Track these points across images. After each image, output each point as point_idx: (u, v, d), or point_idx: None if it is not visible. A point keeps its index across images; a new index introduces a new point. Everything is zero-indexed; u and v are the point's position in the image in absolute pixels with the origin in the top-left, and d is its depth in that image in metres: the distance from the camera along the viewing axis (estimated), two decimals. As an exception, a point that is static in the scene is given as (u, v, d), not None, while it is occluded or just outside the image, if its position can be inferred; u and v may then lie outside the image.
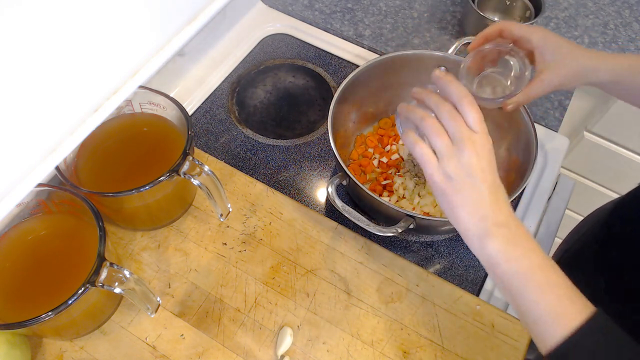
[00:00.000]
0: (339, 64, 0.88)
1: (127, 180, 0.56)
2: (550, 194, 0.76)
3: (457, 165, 0.44)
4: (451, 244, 0.70)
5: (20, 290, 0.53)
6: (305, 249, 0.65)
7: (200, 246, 0.65)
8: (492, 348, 0.59)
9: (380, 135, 0.77)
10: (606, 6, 0.97)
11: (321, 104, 0.83)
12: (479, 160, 0.44)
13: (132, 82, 0.30)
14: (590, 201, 1.23)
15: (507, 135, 0.71)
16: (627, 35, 0.92)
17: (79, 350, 0.58)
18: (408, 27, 0.93)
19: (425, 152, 0.46)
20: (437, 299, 0.62)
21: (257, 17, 0.94)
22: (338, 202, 0.60)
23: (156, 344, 0.59)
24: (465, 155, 0.44)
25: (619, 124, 1.02)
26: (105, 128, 0.62)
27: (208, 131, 0.79)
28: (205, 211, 0.68)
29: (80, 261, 0.53)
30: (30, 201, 0.56)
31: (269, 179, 0.74)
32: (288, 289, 0.63)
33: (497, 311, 0.61)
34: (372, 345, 0.59)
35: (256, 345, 0.59)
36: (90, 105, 0.29)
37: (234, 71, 0.87)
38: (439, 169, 0.45)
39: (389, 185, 0.71)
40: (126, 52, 0.29)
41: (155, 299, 0.53)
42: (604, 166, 1.15)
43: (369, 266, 0.64)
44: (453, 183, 0.45)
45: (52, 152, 0.28)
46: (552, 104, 0.83)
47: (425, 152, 0.46)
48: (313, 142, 0.79)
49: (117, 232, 0.66)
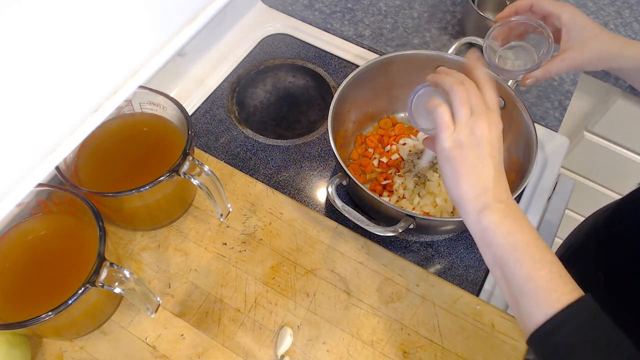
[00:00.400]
0: (339, 64, 0.88)
1: (127, 180, 0.56)
2: (550, 194, 0.76)
3: (470, 135, 0.46)
4: (451, 244, 0.70)
5: (20, 290, 0.53)
6: (305, 249, 0.65)
7: (200, 246, 0.65)
8: (492, 348, 0.59)
9: (380, 135, 0.77)
10: (606, 6, 0.97)
11: (321, 104, 0.83)
12: (490, 134, 0.46)
13: (132, 82, 0.30)
14: (590, 201, 1.24)
15: (507, 135, 0.70)
16: (627, 35, 0.92)
17: (79, 350, 0.58)
18: (408, 27, 0.93)
19: (446, 115, 0.48)
20: (437, 299, 0.62)
21: (257, 17, 0.94)
22: (338, 202, 0.60)
23: (156, 344, 0.59)
24: (479, 127, 0.46)
25: (619, 124, 1.02)
26: (105, 128, 0.62)
27: (208, 131, 0.79)
28: (205, 211, 0.68)
29: (80, 261, 0.53)
30: (30, 201, 0.56)
31: (269, 179, 0.74)
32: (288, 289, 0.63)
33: (497, 311, 0.61)
34: (372, 345, 0.59)
35: (256, 345, 0.59)
36: (90, 105, 0.29)
37: (234, 71, 0.87)
38: (452, 134, 0.47)
39: (388, 185, 0.71)
40: (126, 52, 0.29)
41: (155, 299, 0.53)
42: (604, 166, 1.15)
43: (369, 266, 0.64)
44: (462, 151, 0.46)
45: (52, 152, 0.28)
46: (552, 104, 0.83)
47: (446, 115, 0.48)
48: (313, 142, 0.79)
49: (117, 232, 0.66)
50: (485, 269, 0.68)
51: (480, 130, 0.46)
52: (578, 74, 0.87)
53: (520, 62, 0.59)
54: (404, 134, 0.76)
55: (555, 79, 0.86)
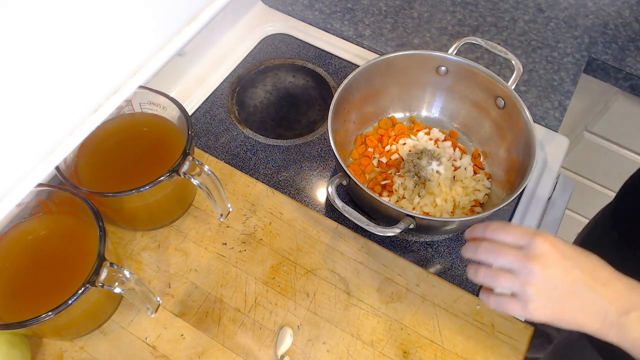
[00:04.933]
0: (339, 64, 0.88)
1: (127, 180, 0.56)
2: (550, 194, 0.76)
3: (542, 284, 0.42)
4: (451, 244, 0.70)
5: (20, 290, 0.53)
6: (305, 249, 0.65)
7: (200, 246, 0.65)
8: (492, 348, 0.59)
9: (380, 135, 0.77)
10: (606, 6, 0.97)
11: (321, 104, 0.83)
12: (551, 246, 0.43)
13: (132, 82, 0.30)
14: (590, 201, 1.24)
15: (507, 135, 0.71)
16: (627, 35, 0.92)
17: (79, 350, 0.58)
18: (408, 27, 0.93)
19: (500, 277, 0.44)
20: (437, 299, 0.62)
21: (257, 17, 0.94)
22: (338, 202, 0.60)
23: (156, 344, 0.59)
24: (536, 247, 0.43)
25: (619, 124, 1.02)
26: (105, 128, 0.62)
27: (208, 131, 0.79)
28: (205, 211, 0.68)
29: (80, 261, 0.53)
30: (30, 201, 0.56)
31: (269, 179, 0.74)
32: (288, 289, 0.63)
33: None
34: (372, 345, 0.59)
35: (256, 345, 0.59)
36: (90, 105, 0.29)
37: (234, 71, 0.87)
38: (520, 282, 0.43)
39: (388, 185, 0.71)
40: (126, 52, 0.29)
41: (155, 299, 0.53)
42: (604, 166, 1.15)
43: (369, 266, 0.64)
44: (546, 286, 0.43)
45: (52, 152, 0.28)
46: (552, 104, 0.83)
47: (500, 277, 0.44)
48: (313, 142, 0.79)
49: (117, 232, 0.66)
50: (485, 269, 0.68)
51: (540, 249, 0.42)
52: (578, 73, 0.87)
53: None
54: (404, 134, 0.76)
55: (555, 79, 0.86)
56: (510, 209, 0.73)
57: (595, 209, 0.87)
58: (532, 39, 0.91)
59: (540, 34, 0.92)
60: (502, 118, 0.70)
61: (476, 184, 0.71)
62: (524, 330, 0.60)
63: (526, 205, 0.73)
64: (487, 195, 0.72)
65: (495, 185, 0.72)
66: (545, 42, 0.91)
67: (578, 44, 0.91)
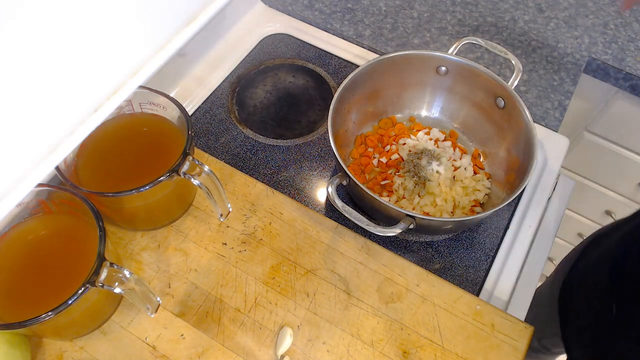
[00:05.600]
0: (339, 64, 0.88)
1: (127, 180, 0.56)
2: (550, 194, 0.76)
3: None
4: (451, 244, 0.70)
5: (21, 290, 0.53)
6: (305, 249, 0.65)
7: (200, 246, 0.65)
8: (492, 348, 0.59)
9: (380, 135, 0.77)
10: (606, 6, 0.97)
11: (321, 104, 0.83)
12: None
13: (132, 82, 0.30)
14: (590, 201, 1.24)
15: (507, 135, 0.71)
16: (627, 35, 0.92)
17: (79, 350, 0.58)
18: (408, 27, 0.93)
19: None
20: (437, 299, 0.62)
21: (257, 17, 0.94)
22: (338, 202, 0.60)
23: (156, 344, 0.59)
24: None
25: (619, 124, 1.02)
26: (105, 128, 0.62)
27: (208, 131, 0.79)
28: (205, 211, 0.68)
29: (80, 261, 0.53)
30: (30, 201, 0.56)
31: (269, 179, 0.74)
32: (288, 289, 0.63)
33: (497, 311, 0.61)
34: (372, 345, 0.59)
35: (256, 345, 0.59)
36: (90, 105, 0.29)
37: (234, 71, 0.87)
38: None
39: (388, 185, 0.71)
40: (126, 52, 0.29)
41: (155, 299, 0.53)
42: (604, 166, 1.15)
43: (369, 266, 0.64)
44: None
45: (52, 152, 0.28)
46: (552, 104, 0.83)
47: None
48: (313, 142, 0.79)
49: (117, 232, 0.66)
50: (485, 268, 0.68)
51: None
52: (578, 73, 0.87)
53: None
54: (403, 134, 0.76)
55: (555, 79, 0.86)
56: (510, 209, 0.73)
57: (596, 209, 0.87)
58: (532, 39, 0.91)
59: (540, 34, 0.92)
60: (502, 118, 0.71)
61: (476, 184, 0.72)
62: (524, 330, 0.60)
63: (526, 205, 0.73)
64: (487, 195, 0.72)
65: (495, 185, 0.72)
66: (545, 42, 0.91)
67: (578, 44, 0.91)
